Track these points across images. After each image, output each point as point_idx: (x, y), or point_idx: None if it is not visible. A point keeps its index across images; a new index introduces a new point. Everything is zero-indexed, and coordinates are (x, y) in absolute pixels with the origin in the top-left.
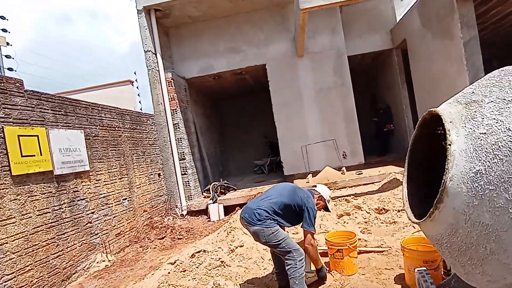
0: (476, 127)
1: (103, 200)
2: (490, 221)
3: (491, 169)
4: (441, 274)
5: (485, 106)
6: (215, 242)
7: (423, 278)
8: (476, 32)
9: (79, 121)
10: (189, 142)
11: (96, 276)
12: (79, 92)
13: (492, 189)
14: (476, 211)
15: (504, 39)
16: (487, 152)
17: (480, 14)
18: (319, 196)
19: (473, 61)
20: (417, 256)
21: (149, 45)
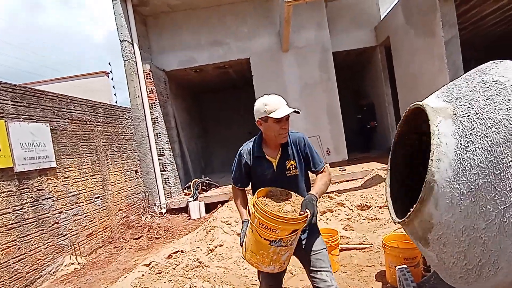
0: (459, 121)
1: (72, 199)
2: (471, 218)
3: (472, 169)
4: (421, 271)
5: (463, 103)
6: (193, 242)
7: (404, 276)
8: (457, 31)
9: (44, 113)
10: (168, 137)
11: (63, 280)
12: (50, 82)
13: (472, 189)
14: (461, 201)
15: (483, 40)
16: (468, 148)
17: (460, 14)
18: (258, 123)
19: (453, 60)
20: (398, 254)
21: (125, 34)
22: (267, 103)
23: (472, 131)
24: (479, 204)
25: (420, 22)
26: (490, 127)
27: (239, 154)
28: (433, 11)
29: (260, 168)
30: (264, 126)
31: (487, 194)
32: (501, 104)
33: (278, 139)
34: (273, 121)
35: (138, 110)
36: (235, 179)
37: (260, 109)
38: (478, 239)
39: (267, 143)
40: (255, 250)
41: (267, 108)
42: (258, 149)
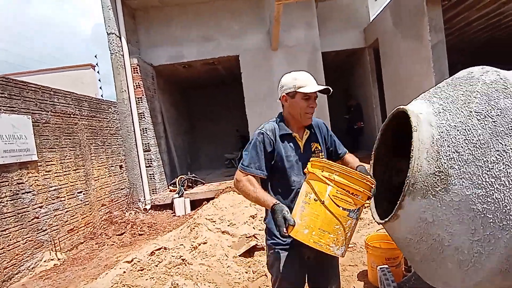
0: (441, 123)
1: (53, 193)
2: (452, 215)
3: (454, 167)
4: (402, 271)
5: (448, 106)
6: (177, 239)
7: (385, 276)
8: (443, 36)
9: (26, 105)
10: (155, 132)
11: (42, 276)
12: (34, 74)
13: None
14: (440, 202)
15: (469, 46)
16: (450, 146)
17: (447, 19)
18: (283, 98)
19: (439, 64)
20: (380, 254)
21: (112, 27)
22: (297, 78)
23: (453, 137)
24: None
25: (408, 25)
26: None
27: (259, 134)
28: (421, 15)
29: (285, 149)
30: (290, 103)
31: (465, 212)
32: (485, 117)
33: (303, 119)
34: (301, 97)
35: (124, 105)
36: (253, 165)
37: (289, 83)
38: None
39: (290, 124)
40: (327, 227)
41: (296, 82)
42: (282, 127)
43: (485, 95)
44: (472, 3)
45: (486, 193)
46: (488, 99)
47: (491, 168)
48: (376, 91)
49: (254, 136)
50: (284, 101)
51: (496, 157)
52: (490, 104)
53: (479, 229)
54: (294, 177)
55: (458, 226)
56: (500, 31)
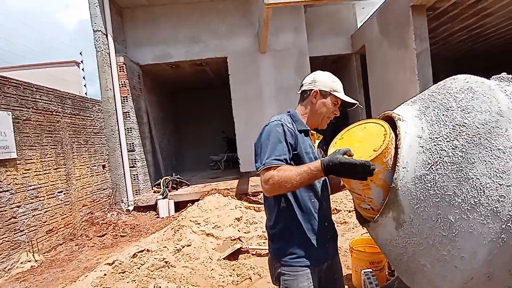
0: (425, 122)
1: (32, 193)
2: (435, 215)
3: (439, 175)
4: (385, 275)
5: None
6: (160, 241)
7: (369, 280)
8: (428, 45)
9: (6, 101)
10: (140, 133)
11: (18, 278)
12: (17, 69)
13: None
14: (424, 206)
15: (452, 55)
16: (436, 144)
17: (432, 28)
18: (314, 92)
19: (423, 72)
20: (364, 257)
21: (99, 25)
22: (335, 80)
23: (438, 145)
24: (433, 237)
25: (394, 33)
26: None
27: (278, 125)
28: (407, 24)
29: (305, 145)
30: (319, 101)
31: (441, 232)
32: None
33: (323, 122)
34: (333, 101)
35: (109, 103)
36: (278, 154)
37: (327, 82)
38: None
39: (306, 122)
40: None
41: (334, 85)
42: (300, 122)
43: (465, 109)
44: (454, 15)
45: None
46: (464, 109)
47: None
48: (362, 97)
49: (270, 128)
50: (313, 97)
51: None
52: (465, 115)
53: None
54: None
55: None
56: (480, 43)
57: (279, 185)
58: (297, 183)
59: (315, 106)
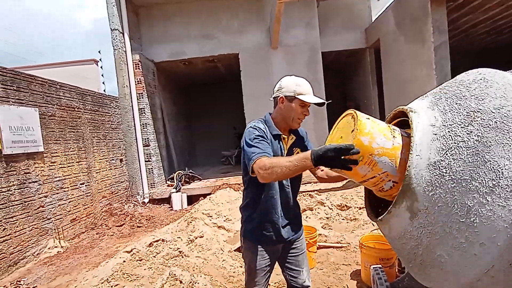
0: (437, 111)
1: (58, 184)
2: (450, 209)
3: (454, 160)
4: (395, 271)
5: (445, 99)
6: (174, 232)
7: (378, 276)
8: (447, 38)
9: (33, 98)
10: (154, 128)
11: (46, 262)
12: (39, 68)
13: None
14: (439, 196)
15: (473, 48)
16: (450, 131)
17: (451, 20)
18: (280, 99)
19: (442, 66)
20: (374, 254)
21: (116, 23)
22: (299, 84)
23: (451, 143)
24: (449, 224)
25: (411, 26)
26: (467, 148)
27: (255, 129)
28: (425, 16)
29: (274, 147)
30: (286, 106)
31: (458, 218)
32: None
33: (294, 123)
34: (299, 104)
35: (125, 100)
36: (262, 148)
37: (290, 87)
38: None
39: (277, 125)
40: None
41: (298, 88)
42: (272, 127)
43: (479, 97)
44: (477, 5)
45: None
46: (478, 97)
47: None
48: (376, 93)
49: (249, 132)
50: (280, 102)
51: (487, 164)
52: (485, 107)
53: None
54: None
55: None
56: (505, 35)
57: (272, 171)
58: (287, 170)
59: (284, 111)
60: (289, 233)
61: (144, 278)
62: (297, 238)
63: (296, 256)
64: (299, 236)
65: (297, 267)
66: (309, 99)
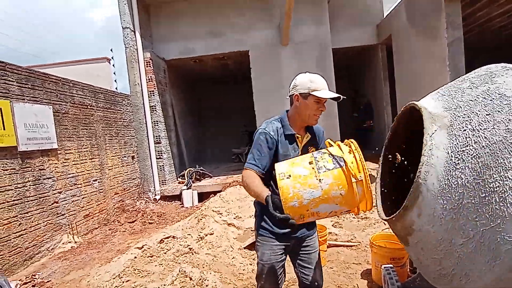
0: (454, 135)
1: (71, 180)
2: (450, 233)
3: (458, 187)
4: (407, 271)
5: (462, 114)
6: (185, 229)
7: (389, 275)
8: (461, 33)
9: (47, 96)
10: (165, 125)
11: (60, 257)
12: (53, 66)
13: (455, 206)
14: (454, 192)
15: (488, 43)
16: (458, 166)
17: (466, 15)
18: (295, 97)
19: (455, 62)
20: (385, 253)
21: (127, 22)
22: (313, 80)
23: (465, 149)
24: (459, 222)
25: (424, 22)
26: (484, 147)
27: (264, 133)
28: (438, 11)
29: (285, 148)
30: (301, 103)
31: (469, 214)
32: (500, 124)
33: (310, 120)
34: (314, 100)
35: (137, 98)
36: (256, 162)
37: (304, 84)
38: (454, 253)
39: (294, 123)
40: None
41: (312, 85)
42: (287, 127)
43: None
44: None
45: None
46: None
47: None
48: (387, 89)
49: (257, 135)
50: (296, 100)
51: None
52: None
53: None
54: None
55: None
56: None
57: (244, 186)
58: (251, 194)
59: (299, 108)
60: (301, 230)
61: (154, 274)
62: (309, 236)
63: (308, 253)
64: (311, 234)
65: (309, 264)
66: (323, 94)
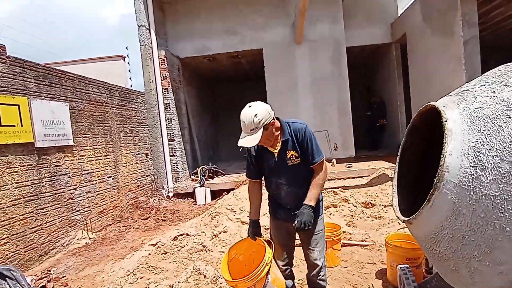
0: (470, 104)
1: (86, 177)
2: (496, 191)
3: (492, 137)
4: (422, 272)
5: (476, 90)
6: (198, 226)
7: (405, 276)
8: (477, 32)
9: (64, 93)
10: (179, 123)
11: (75, 253)
12: (69, 64)
13: (495, 155)
14: (480, 183)
15: (505, 42)
16: (485, 122)
17: (482, 13)
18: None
19: (471, 61)
20: (401, 253)
21: (143, 20)
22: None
23: (485, 109)
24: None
25: (439, 20)
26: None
27: (247, 150)
28: (453, 9)
29: (265, 158)
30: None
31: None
32: None
33: (266, 145)
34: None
35: (151, 95)
36: (248, 173)
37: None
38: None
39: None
40: None
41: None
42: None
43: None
44: None
45: None
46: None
47: None
48: (401, 88)
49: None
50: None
51: None
52: None
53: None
54: (272, 178)
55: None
56: None
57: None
58: None
59: None
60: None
61: (168, 271)
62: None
63: (308, 235)
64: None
65: (310, 246)
66: (241, 144)
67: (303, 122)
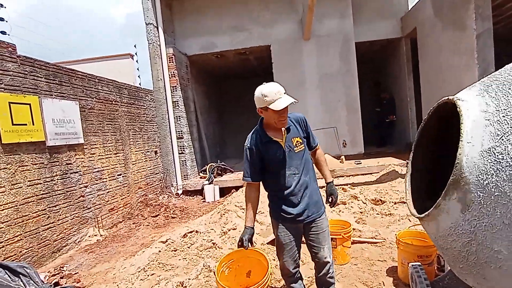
0: (488, 98)
1: (97, 175)
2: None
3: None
4: (434, 269)
5: (496, 84)
6: (208, 223)
7: (417, 274)
8: (491, 25)
9: (74, 92)
10: (187, 121)
11: (87, 250)
12: (79, 62)
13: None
14: (499, 180)
15: None
16: (505, 115)
17: (495, 6)
18: (258, 110)
19: (484, 55)
20: (412, 250)
21: (150, 18)
22: (266, 94)
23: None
24: (509, 215)
25: (451, 14)
26: None
27: (246, 149)
28: (466, 2)
29: (272, 151)
30: (264, 114)
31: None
32: None
33: (278, 125)
34: (272, 111)
35: (160, 93)
36: (248, 174)
37: (260, 100)
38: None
39: (270, 127)
40: None
41: (266, 99)
42: (263, 135)
43: None
44: None
45: None
46: None
47: None
48: (411, 84)
49: (244, 151)
50: (260, 113)
51: None
52: None
53: None
54: (281, 171)
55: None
56: None
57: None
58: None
59: (266, 119)
60: (307, 215)
61: (179, 268)
62: (317, 218)
63: (317, 234)
64: (318, 216)
65: (318, 244)
66: (277, 106)
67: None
